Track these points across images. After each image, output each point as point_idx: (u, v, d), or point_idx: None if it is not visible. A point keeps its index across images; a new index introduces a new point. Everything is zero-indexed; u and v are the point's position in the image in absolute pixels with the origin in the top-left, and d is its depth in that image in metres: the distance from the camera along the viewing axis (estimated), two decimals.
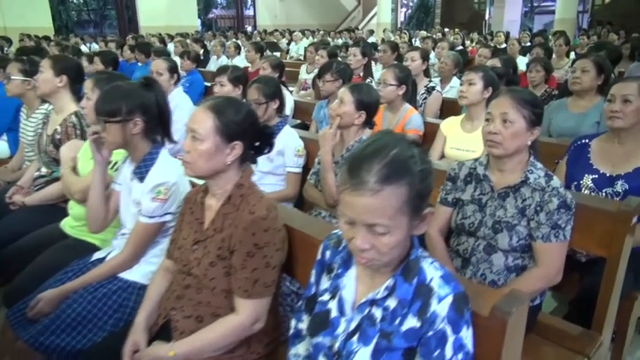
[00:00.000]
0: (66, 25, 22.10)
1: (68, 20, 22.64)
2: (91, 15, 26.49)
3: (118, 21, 20.29)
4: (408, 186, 0.90)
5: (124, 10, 18.96)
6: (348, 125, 2.14)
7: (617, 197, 1.96)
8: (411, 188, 0.90)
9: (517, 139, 1.54)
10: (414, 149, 0.95)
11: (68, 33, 17.90)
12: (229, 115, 1.34)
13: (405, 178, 0.90)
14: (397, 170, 0.90)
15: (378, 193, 0.89)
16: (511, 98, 1.54)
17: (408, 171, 0.91)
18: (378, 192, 0.89)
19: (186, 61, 4.79)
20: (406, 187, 0.90)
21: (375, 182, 0.89)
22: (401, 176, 0.90)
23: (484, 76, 2.50)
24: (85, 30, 23.71)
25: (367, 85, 2.19)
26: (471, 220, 1.65)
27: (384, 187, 0.89)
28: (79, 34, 16.76)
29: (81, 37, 12.37)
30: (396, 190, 0.89)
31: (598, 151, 2.07)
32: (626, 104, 1.94)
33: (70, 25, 22.66)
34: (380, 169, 0.89)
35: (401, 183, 0.90)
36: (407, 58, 3.69)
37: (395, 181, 0.89)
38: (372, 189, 0.89)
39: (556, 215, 1.49)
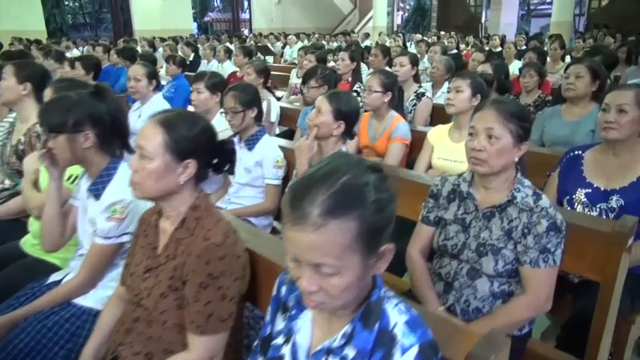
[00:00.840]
0: (60, 29, 21.98)
1: (63, 23, 22.53)
2: (86, 18, 26.34)
3: (112, 24, 20.18)
4: (359, 219, 0.77)
5: (119, 13, 18.85)
6: (326, 136, 2.01)
7: (612, 213, 1.83)
8: (363, 222, 0.77)
9: (503, 156, 1.42)
10: (371, 175, 0.81)
11: (63, 36, 17.78)
12: (181, 131, 1.21)
13: (355, 210, 0.77)
14: (345, 201, 0.77)
15: (321, 229, 0.75)
16: (496, 112, 1.42)
17: (359, 202, 0.78)
18: (322, 227, 0.75)
19: (172, 66, 4.66)
20: (356, 220, 0.77)
21: (318, 215, 0.75)
22: (350, 208, 0.77)
23: (472, 83, 2.37)
24: (80, 33, 23.57)
25: (346, 94, 2.06)
26: (454, 242, 1.53)
27: (329, 221, 0.75)
28: (74, 37, 16.64)
29: (73, 40, 12.22)
30: (343, 224, 0.76)
31: (592, 163, 1.95)
32: (622, 114, 1.82)
33: (65, 28, 22.55)
34: (324, 199, 0.76)
35: (349, 216, 0.76)
36: (396, 63, 3.57)
37: (342, 214, 0.76)
38: (315, 223, 0.75)
39: (545, 238, 1.37)
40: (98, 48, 6.32)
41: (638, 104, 1.80)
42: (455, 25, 18.15)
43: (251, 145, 2.40)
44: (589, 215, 1.69)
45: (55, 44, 10.59)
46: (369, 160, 0.88)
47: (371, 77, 2.73)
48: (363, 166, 0.82)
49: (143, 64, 3.18)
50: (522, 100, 3.84)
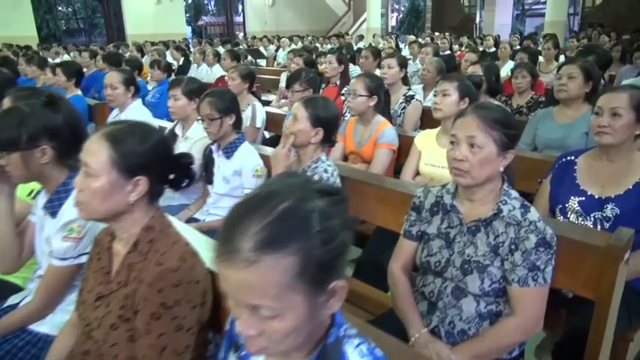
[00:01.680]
0: (54, 34, 21.84)
1: (56, 29, 22.38)
2: (80, 24, 26.19)
3: (106, 29, 20.07)
4: (301, 253, 0.66)
5: (112, 18, 18.75)
6: (304, 144, 1.90)
7: (608, 223, 1.73)
8: (306, 256, 0.66)
9: (487, 166, 1.31)
10: (319, 201, 0.70)
11: (56, 42, 17.66)
12: (130, 145, 1.10)
13: (296, 242, 0.66)
14: (284, 232, 0.66)
15: (254, 266, 0.64)
16: (478, 118, 1.31)
17: (301, 232, 0.66)
18: (254, 264, 0.64)
19: (157, 71, 4.56)
20: (297, 255, 0.65)
21: (250, 250, 0.65)
22: (289, 240, 0.66)
23: (459, 86, 2.27)
24: (74, 39, 23.41)
25: (324, 99, 1.96)
26: (438, 259, 1.42)
27: (262, 256, 0.64)
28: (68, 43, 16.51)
29: (64, 46, 12.09)
30: (280, 260, 0.65)
31: (585, 169, 1.84)
32: (615, 118, 1.71)
33: (58, 34, 22.39)
34: (258, 231, 0.65)
35: (288, 250, 0.65)
36: (384, 65, 3.46)
37: (279, 248, 0.65)
38: (246, 260, 0.65)
39: (534, 255, 1.26)
40: (85, 53, 6.20)
41: (632, 107, 1.70)
42: (449, 26, 18.07)
43: (229, 153, 2.30)
44: (582, 227, 1.59)
45: (45, 50, 10.47)
46: (319, 181, 0.77)
47: (356, 81, 2.63)
48: (310, 190, 0.71)
49: (120, 71, 3.07)
50: (515, 102, 3.75)
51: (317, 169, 1.85)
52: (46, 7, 21.61)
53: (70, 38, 23.56)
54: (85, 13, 25.20)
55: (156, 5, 16.70)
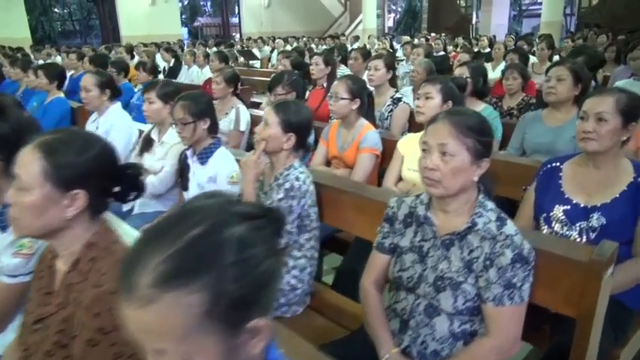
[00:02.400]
0: (49, 36, 21.75)
1: (51, 31, 22.31)
2: (75, 25, 26.10)
3: (101, 31, 19.99)
4: (209, 289, 0.57)
5: (107, 19, 18.66)
6: (276, 150, 1.82)
7: (594, 233, 1.64)
8: (216, 292, 0.57)
9: (460, 176, 1.23)
10: (237, 227, 0.61)
11: (51, 44, 17.58)
12: (65, 156, 1.01)
13: (203, 276, 0.57)
14: (189, 265, 0.57)
15: (152, 304, 0.56)
16: (451, 125, 1.23)
17: (210, 265, 0.58)
18: (152, 302, 0.56)
19: (142, 73, 4.47)
20: (204, 291, 0.57)
21: (149, 286, 0.56)
22: (193, 275, 0.57)
23: (442, 88, 2.19)
24: (70, 40, 23.33)
25: (295, 103, 1.88)
26: (410, 274, 1.33)
27: (162, 294, 0.56)
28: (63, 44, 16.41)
29: (57, 48, 11.99)
30: (184, 297, 0.56)
31: (571, 176, 1.76)
32: (601, 123, 1.63)
33: (53, 35, 22.32)
34: (159, 263, 0.57)
35: (193, 286, 0.57)
36: (370, 66, 3.37)
37: (181, 284, 0.56)
38: (143, 297, 0.56)
39: (510, 272, 1.18)
40: (72, 55, 6.11)
41: (619, 112, 1.62)
42: (446, 27, 18.00)
43: (204, 159, 2.21)
44: (563, 240, 1.50)
45: (36, 52, 10.38)
46: (241, 203, 0.68)
47: (337, 83, 2.54)
48: (229, 213, 0.63)
49: (95, 73, 2.99)
50: (505, 104, 3.67)
51: (288, 176, 1.77)
52: (41, 9, 21.54)
53: (66, 40, 23.48)
54: (81, 15, 25.13)
55: (150, 6, 16.63)
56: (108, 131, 2.95)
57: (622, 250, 1.61)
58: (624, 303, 1.60)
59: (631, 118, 1.63)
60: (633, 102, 1.63)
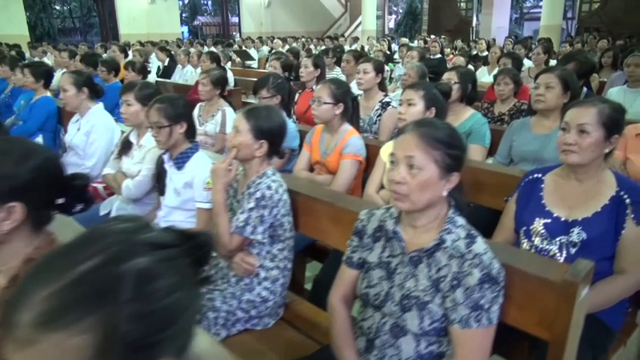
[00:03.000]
0: (48, 33, 21.68)
1: (50, 28, 22.22)
2: (75, 23, 26.03)
3: (100, 29, 19.93)
4: (99, 330, 0.51)
5: (106, 17, 18.60)
6: (248, 158, 1.76)
7: (574, 249, 1.59)
8: (108, 334, 0.51)
9: (427, 190, 1.17)
10: (142, 258, 0.55)
11: (51, 41, 17.52)
12: (1, 167, 0.95)
13: (92, 315, 0.51)
14: (76, 303, 0.51)
15: (32, 346, 0.50)
16: (418, 137, 1.17)
17: (102, 302, 0.52)
18: (32, 344, 0.50)
19: (131, 73, 4.41)
20: (93, 333, 0.50)
21: (29, 325, 0.50)
22: (81, 314, 0.51)
23: (425, 95, 2.13)
24: (70, 38, 23.26)
25: (267, 109, 1.82)
26: (377, 291, 1.28)
27: (44, 335, 0.50)
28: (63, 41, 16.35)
29: (54, 45, 11.93)
30: (68, 340, 0.50)
31: (552, 188, 1.70)
32: (583, 136, 1.57)
33: (53, 32, 22.23)
34: (43, 300, 0.51)
35: (79, 326, 0.50)
36: (359, 70, 3.32)
37: (66, 325, 0.50)
38: (23, 338, 0.50)
39: (477, 292, 1.12)
40: (64, 53, 6.05)
41: (601, 124, 1.56)
42: (446, 29, 17.95)
43: (180, 164, 2.15)
44: (538, 257, 1.44)
45: (33, 49, 10.33)
46: (152, 230, 0.61)
47: (320, 87, 2.49)
48: (135, 242, 0.57)
49: (72, 72, 2.93)
50: (497, 109, 3.62)
51: (260, 185, 1.71)
52: (41, 6, 21.45)
53: (66, 37, 23.42)
54: (81, 12, 25.05)
55: (150, 5, 16.57)
56: (89, 132, 2.90)
57: (603, 266, 1.57)
58: (605, 321, 1.55)
59: (614, 130, 1.58)
60: (616, 113, 1.58)
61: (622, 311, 1.61)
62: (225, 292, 1.73)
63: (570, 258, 1.58)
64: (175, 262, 0.58)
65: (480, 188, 2.23)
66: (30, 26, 19.97)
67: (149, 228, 0.61)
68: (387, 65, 6.88)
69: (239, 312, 1.71)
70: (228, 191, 1.88)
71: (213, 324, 1.66)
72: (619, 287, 1.52)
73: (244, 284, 1.75)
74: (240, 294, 1.73)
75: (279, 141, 1.84)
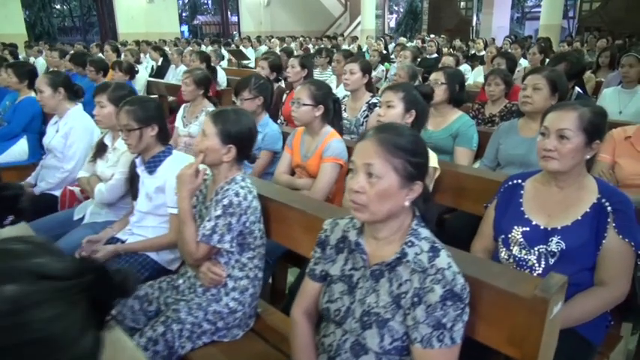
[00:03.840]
0: (47, 32, 21.66)
1: (50, 27, 22.20)
2: (75, 22, 26.01)
3: (99, 28, 19.91)
4: None
5: (105, 16, 18.57)
6: (216, 163, 1.69)
7: (552, 259, 1.51)
8: None
9: (387, 200, 1.10)
10: (12, 286, 0.49)
11: (50, 40, 17.49)
12: None
13: None
14: None
15: None
16: (378, 143, 1.10)
17: None
18: None
19: (118, 73, 4.35)
20: None
21: None
22: None
23: (405, 97, 2.06)
24: (70, 37, 23.22)
25: (236, 112, 1.74)
26: (338, 306, 1.21)
27: None
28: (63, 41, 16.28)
29: (50, 44, 11.86)
30: None
31: (532, 195, 1.63)
32: (563, 141, 1.50)
33: (52, 32, 22.22)
34: None
35: None
36: (345, 70, 3.25)
37: None
38: None
39: (439, 310, 1.05)
40: (54, 52, 5.99)
41: (582, 129, 1.49)
42: (446, 29, 17.84)
43: (152, 168, 2.09)
44: (509, 270, 1.37)
45: (28, 48, 10.28)
46: (52, 257, 0.55)
47: (300, 89, 2.41)
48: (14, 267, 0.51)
49: (48, 73, 2.87)
50: (487, 110, 3.54)
51: (227, 191, 1.64)
52: (40, 5, 21.45)
53: (66, 37, 23.38)
54: (81, 12, 25.03)
55: (148, 4, 16.51)
56: (67, 134, 2.83)
57: (584, 277, 1.50)
58: (584, 336, 1.47)
59: (595, 135, 1.50)
60: (597, 118, 1.51)
61: (603, 325, 1.54)
62: (191, 303, 1.66)
63: (549, 268, 1.51)
64: (59, 295, 0.51)
65: (462, 193, 2.16)
66: (29, 25, 19.96)
67: (44, 253, 0.54)
68: (383, 65, 6.83)
69: (205, 324, 1.64)
70: (197, 197, 1.82)
71: (178, 336, 1.59)
72: (599, 300, 1.45)
73: (211, 295, 1.68)
74: (207, 305, 1.66)
75: (249, 145, 1.77)
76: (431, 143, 2.81)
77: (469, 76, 6.30)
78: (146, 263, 2.05)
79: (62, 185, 2.78)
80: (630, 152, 2.12)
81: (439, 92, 2.73)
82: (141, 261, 2.04)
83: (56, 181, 2.79)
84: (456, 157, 2.72)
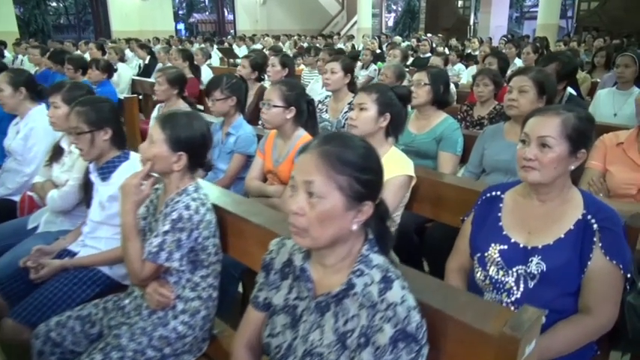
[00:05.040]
0: (42, 30, 21.44)
1: (44, 25, 21.97)
2: (71, 20, 25.80)
3: (94, 25, 19.76)
4: None
5: (100, 14, 18.41)
6: (165, 172, 1.54)
7: (532, 281, 1.35)
8: None
9: (330, 224, 0.94)
10: None
11: (45, 38, 17.30)
12: None
13: None
14: None
15: None
16: (320, 157, 0.94)
17: None
18: None
19: (95, 71, 4.19)
20: None
21: None
22: None
23: (379, 98, 1.89)
24: (65, 35, 23.01)
25: (187, 116, 1.58)
26: (279, 342, 1.05)
27: None
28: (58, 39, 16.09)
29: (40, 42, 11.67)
30: None
31: (511, 208, 1.47)
32: (544, 150, 1.34)
33: (47, 29, 21.99)
34: None
35: None
36: (326, 69, 3.09)
37: None
38: None
39: (389, 354, 0.89)
40: (34, 50, 5.82)
41: (565, 137, 1.33)
42: (444, 28, 17.70)
43: (106, 174, 1.93)
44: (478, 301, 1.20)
45: (16, 45, 10.10)
46: None
47: (270, 89, 2.25)
48: None
49: (9, 71, 2.70)
50: (476, 112, 3.38)
51: (177, 204, 1.48)
52: (34, 2, 21.21)
53: (61, 34, 23.16)
54: (76, 9, 24.81)
55: (142, 1, 16.34)
56: (27, 136, 2.66)
57: (566, 303, 1.35)
58: None
59: (580, 143, 1.35)
60: (583, 124, 1.35)
61: (588, 355, 1.38)
62: (135, 328, 1.50)
63: (528, 292, 1.35)
64: None
65: (441, 204, 2.00)
66: (24, 23, 19.77)
67: None
68: (376, 64, 6.67)
69: (150, 350, 1.48)
70: (148, 207, 1.66)
71: None
72: (584, 330, 1.29)
73: (157, 318, 1.51)
74: (152, 329, 1.50)
75: (202, 152, 1.60)
76: (414, 147, 2.66)
77: (463, 75, 6.15)
78: (97, 278, 1.89)
79: (22, 190, 2.61)
80: (622, 160, 1.96)
81: (422, 93, 2.57)
82: (91, 276, 1.88)
83: (15, 186, 2.63)
84: (439, 163, 2.57)
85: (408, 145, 2.67)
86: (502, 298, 1.39)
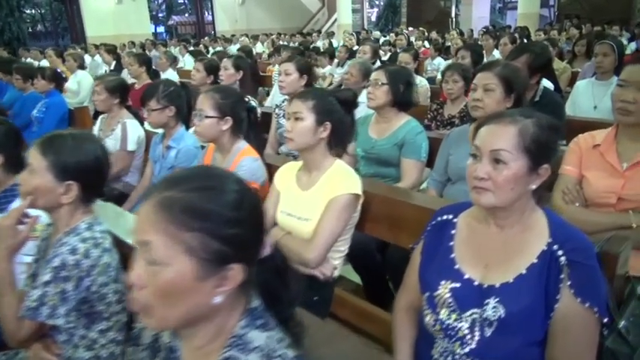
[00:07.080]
0: (17, 38, 20.94)
1: (19, 32, 21.45)
2: (47, 26, 25.24)
3: (70, 32, 19.34)
4: None
5: (75, 20, 18.00)
6: (52, 206, 1.28)
7: (490, 329, 1.10)
8: None
9: (179, 299, 0.68)
10: None
11: (20, 45, 16.85)
12: None
13: None
14: None
15: None
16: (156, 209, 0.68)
17: None
18: None
19: (40, 81, 3.88)
20: None
21: None
22: None
23: (316, 106, 1.63)
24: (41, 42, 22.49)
25: (75, 137, 1.30)
26: None
27: None
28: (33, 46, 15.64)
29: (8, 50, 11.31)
30: None
31: (465, 236, 1.22)
32: (498, 167, 1.09)
33: (22, 37, 21.48)
34: None
35: None
36: (280, 71, 2.83)
37: None
38: None
39: None
40: None
41: (522, 150, 1.08)
42: (426, 21, 17.48)
43: (3, 204, 1.65)
44: None
45: None
46: None
47: (202, 97, 1.98)
48: None
49: None
50: (446, 111, 3.14)
51: (61, 247, 1.22)
52: (7, 10, 20.67)
53: (38, 42, 22.61)
54: (52, 16, 24.26)
55: (117, 5, 15.93)
56: None
57: (531, 355, 1.09)
58: None
59: (542, 157, 1.09)
60: (544, 134, 1.09)
61: None
62: None
63: (485, 342, 1.10)
64: None
65: (398, 224, 1.74)
66: None
67: None
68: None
69: None
70: (39, 247, 1.39)
71: None
72: None
73: None
74: None
75: (98, 179, 1.34)
76: (374, 154, 2.41)
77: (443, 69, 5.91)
78: None
79: None
80: (600, 164, 1.71)
81: (380, 94, 2.32)
82: None
83: None
84: (402, 170, 2.32)
85: (368, 151, 2.42)
86: (454, 349, 1.13)
